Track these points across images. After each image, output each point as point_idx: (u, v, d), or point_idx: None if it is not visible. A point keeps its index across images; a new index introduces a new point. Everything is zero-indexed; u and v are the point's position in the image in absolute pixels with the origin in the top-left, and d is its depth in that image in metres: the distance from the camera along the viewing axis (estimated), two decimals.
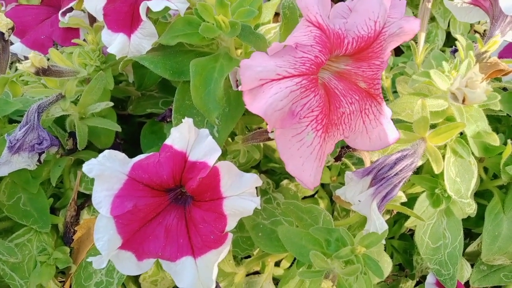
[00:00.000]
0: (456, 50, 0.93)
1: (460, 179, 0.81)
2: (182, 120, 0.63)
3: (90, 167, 0.60)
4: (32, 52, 0.68)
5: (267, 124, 0.55)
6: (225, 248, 0.63)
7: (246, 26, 0.68)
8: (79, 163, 0.93)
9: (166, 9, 0.69)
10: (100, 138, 0.90)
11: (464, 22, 1.45)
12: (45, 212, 0.83)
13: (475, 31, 1.40)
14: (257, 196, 0.63)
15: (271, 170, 1.05)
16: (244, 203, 0.61)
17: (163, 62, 0.76)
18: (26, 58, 0.82)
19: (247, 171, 0.91)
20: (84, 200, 0.93)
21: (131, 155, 1.06)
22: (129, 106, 1.04)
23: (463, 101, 0.60)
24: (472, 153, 0.81)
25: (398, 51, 1.65)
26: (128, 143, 1.10)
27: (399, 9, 0.91)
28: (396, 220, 1.02)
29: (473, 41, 0.88)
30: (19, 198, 0.83)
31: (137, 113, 1.00)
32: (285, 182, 1.00)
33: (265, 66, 0.53)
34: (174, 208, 0.65)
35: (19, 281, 0.79)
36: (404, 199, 0.85)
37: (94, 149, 0.94)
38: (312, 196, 1.06)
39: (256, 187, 0.68)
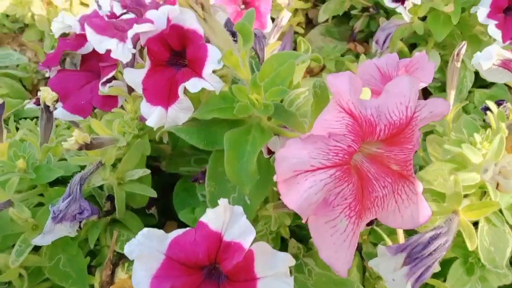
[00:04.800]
0: (487, 108, 0.93)
1: (494, 248, 0.80)
2: (218, 200, 0.65)
3: (131, 248, 0.62)
4: (76, 130, 0.72)
5: None
6: None
7: (278, 106, 0.70)
8: (115, 221, 0.96)
9: (203, 88, 0.72)
10: (136, 199, 0.93)
11: None
12: (83, 273, 0.87)
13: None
14: (291, 276, 0.64)
15: (299, 226, 1.05)
16: (277, 285, 0.62)
17: (198, 133, 0.79)
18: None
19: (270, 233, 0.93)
20: (119, 257, 0.96)
21: (162, 206, 1.10)
22: (162, 161, 1.08)
23: (497, 186, 0.60)
24: (507, 222, 0.80)
25: (426, 94, 1.64)
26: (160, 193, 1.13)
27: (427, 72, 0.93)
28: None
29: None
30: (59, 259, 0.86)
31: (170, 171, 1.03)
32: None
33: (299, 158, 0.54)
34: (208, 284, 0.67)
35: None
36: (438, 268, 0.84)
37: (128, 207, 0.97)
38: None
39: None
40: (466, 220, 0.72)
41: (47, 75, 0.98)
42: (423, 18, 1.50)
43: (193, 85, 0.71)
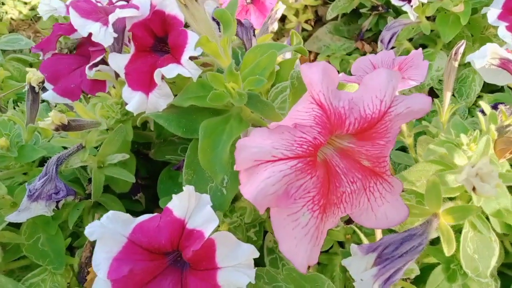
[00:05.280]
0: (483, 111, 0.89)
1: (478, 256, 0.76)
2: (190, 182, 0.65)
3: (91, 230, 0.62)
4: (53, 110, 0.72)
5: None
6: None
7: (254, 95, 0.69)
8: (99, 205, 0.97)
9: (179, 74, 0.71)
10: (118, 183, 0.93)
11: None
12: (61, 253, 0.87)
13: None
14: (253, 268, 0.63)
15: None
16: (238, 277, 0.61)
17: (177, 120, 0.79)
18: None
19: (254, 226, 0.91)
20: None
21: (153, 193, 1.10)
22: (152, 149, 1.08)
23: (473, 190, 0.57)
24: (493, 229, 0.76)
25: (433, 95, 1.59)
26: (151, 180, 1.13)
27: (420, 71, 0.89)
28: None
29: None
30: (38, 238, 0.87)
31: (157, 158, 1.03)
32: None
33: (261, 147, 0.52)
34: (171, 271, 0.66)
35: None
36: (417, 272, 0.81)
37: (112, 192, 0.97)
38: (326, 251, 1.03)
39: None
40: (446, 224, 0.69)
41: (41, 58, 1.00)
42: (433, 19, 1.46)
43: (169, 70, 0.70)
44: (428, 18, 1.46)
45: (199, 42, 0.66)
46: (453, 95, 1.50)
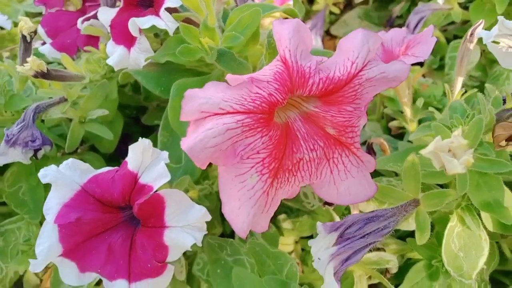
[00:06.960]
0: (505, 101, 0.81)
1: (464, 254, 0.68)
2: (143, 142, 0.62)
3: (45, 173, 0.61)
4: (32, 56, 0.72)
5: None
6: (164, 279, 0.61)
7: (227, 52, 0.65)
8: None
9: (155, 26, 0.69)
10: (102, 142, 0.93)
11: None
12: (39, 204, 0.88)
13: None
14: (204, 231, 0.59)
15: None
16: (184, 238, 0.57)
17: (157, 78, 0.77)
18: None
19: None
20: None
21: None
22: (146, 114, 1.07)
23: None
24: (484, 226, 0.68)
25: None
26: None
27: (426, 47, 0.82)
28: None
29: None
30: (20, 187, 0.89)
31: (147, 123, 1.02)
32: (281, 217, 0.94)
33: (209, 98, 0.49)
34: (124, 227, 0.64)
35: (0, 264, 0.84)
36: (395, 264, 0.74)
37: (98, 151, 0.97)
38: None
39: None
40: (425, 212, 0.62)
41: (44, 13, 1.01)
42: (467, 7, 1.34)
43: (144, 21, 0.68)
44: (465, 8, 1.34)
45: None
46: (483, 92, 1.38)
